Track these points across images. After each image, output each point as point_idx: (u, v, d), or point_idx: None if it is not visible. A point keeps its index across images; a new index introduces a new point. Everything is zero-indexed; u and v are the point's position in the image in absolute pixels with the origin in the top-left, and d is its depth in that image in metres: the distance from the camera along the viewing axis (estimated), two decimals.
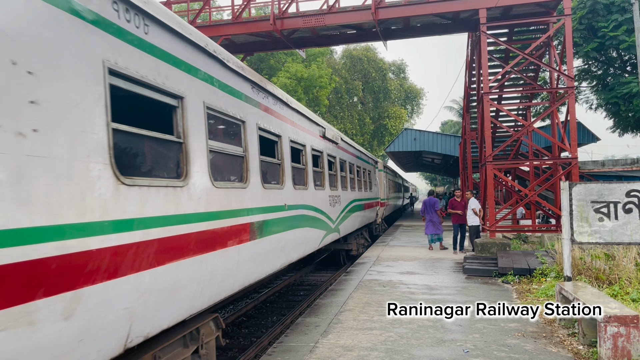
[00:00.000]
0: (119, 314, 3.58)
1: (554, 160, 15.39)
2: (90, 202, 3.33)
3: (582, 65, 24.67)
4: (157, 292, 4.05)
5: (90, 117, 3.42)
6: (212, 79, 5.47)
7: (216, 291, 5.27)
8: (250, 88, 6.74)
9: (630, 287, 7.89)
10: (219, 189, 5.34)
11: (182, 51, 4.82)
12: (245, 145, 6.34)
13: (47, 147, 3.00)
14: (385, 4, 14.81)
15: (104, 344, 3.46)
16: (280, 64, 38.35)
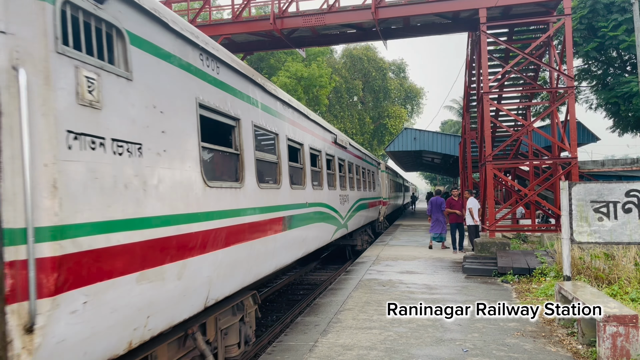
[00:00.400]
0: (204, 280, 4.82)
1: (554, 160, 15.39)
2: (191, 199, 4.60)
3: (582, 65, 24.66)
4: (225, 267, 5.33)
5: (190, 139, 4.71)
6: (257, 102, 6.75)
7: (259, 271, 6.54)
8: (281, 105, 7.93)
9: (630, 287, 7.90)
10: (262, 189, 6.61)
11: (238, 83, 6.09)
12: (278, 153, 7.56)
13: (170, 162, 4.30)
14: (385, 3, 14.81)
15: (195, 300, 4.72)
16: (280, 63, 38.35)
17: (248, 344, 6.45)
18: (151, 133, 4.03)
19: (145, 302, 3.85)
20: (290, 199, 7.92)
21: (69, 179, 3.07)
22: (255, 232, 6.23)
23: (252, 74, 6.53)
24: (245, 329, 6.33)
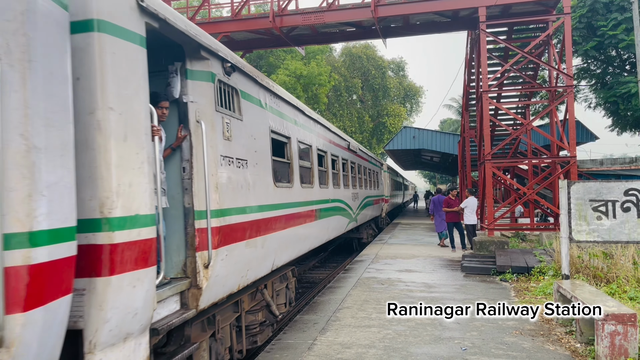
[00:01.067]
0: (272, 250, 6.78)
1: (553, 159, 15.40)
2: (268, 195, 6.63)
3: (581, 64, 24.65)
4: (283, 243, 7.31)
5: (267, 155, 6.68)
6: (299, 122, 8.80)
7: (300, 249, 8.55)
8: (313, 123, 9.96)
9: (628, 286, 7.91)
10: (303, 189, 8.61)
11: (289, 111, 8.18)
12: (311, 160, 9.55)
13: (259, 170, 6.28)
14: (385, 1, 14.80)
15: (268, 264, 6.64)
16: (279, 61, 38.30)
17: (291, 305, 8.38)
18: (251, 152, 6.05)
19: (247, 260, 5.80)
20: (319, 196, 9.96)
21: (221, 182, 5.11)
22: (298, 220, 8.24)
23: (296, 103, 8.67)
24: (289, 293, 8.23)
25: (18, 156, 2.65)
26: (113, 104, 3.51)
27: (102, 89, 3.44)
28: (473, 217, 14.34)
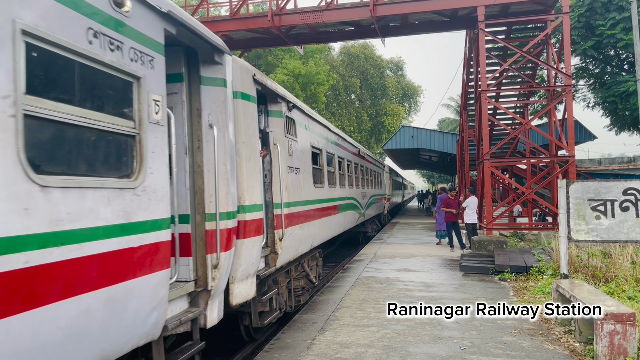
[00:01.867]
0: (312, 234, 9.05)
1: (551, 158, 15.42)
2: (311, 193, 9.03)
3: (580, 63, 24.68)
4: (317, 229, 9.58)
5: (309, 163, 9.12)
6: (327, 137, 11.54)
7: (326, 235, 10.95)
8: (335, 136, 12.71)
9: (627, 285, 7.92)
10: (329, 188, 11.20)
11: (321, 130, 10.87)
12: (334, 166, 12.21)
13: (305, 175, 8.67)
14: (384, 1, 14.80)
15: (308, 243, 8.89)
16: (278, 61, 38.27)
17: (319, 278, 10.60)
18: (301, 163, 8.49)
19: (299, 239, 8.16)
20: (339, 194, 12.57)
21: (288, 184, 7.47)
22: (327, 212, 10.72)
23: (325, 122, 11.43)
24: (318, 269, 10.41)
25: (223, 176, 5.08)
26: (245, 139, 5.89)
27: (239, 130, 5.76)
28: (473, 216, 14.34)
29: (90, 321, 3.04)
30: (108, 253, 3.22)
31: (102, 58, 3.24)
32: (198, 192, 4.97)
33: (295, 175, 8.02)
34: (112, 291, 3.24)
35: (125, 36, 3.53)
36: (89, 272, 3.02)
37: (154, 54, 3.90)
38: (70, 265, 2.87)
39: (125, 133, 3.52)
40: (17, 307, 2.51)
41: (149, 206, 3.74)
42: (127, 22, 3.56)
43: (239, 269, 5.57)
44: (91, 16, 3.17)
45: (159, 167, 3.91)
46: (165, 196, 3.99)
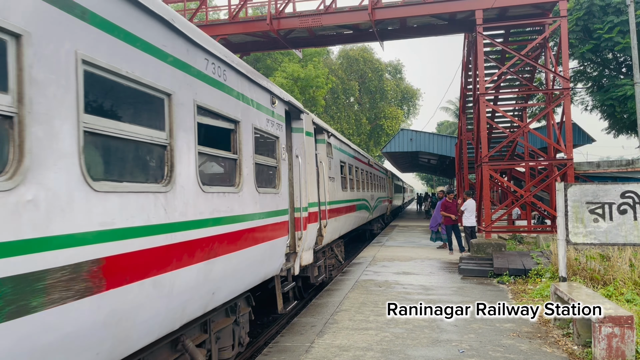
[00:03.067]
0: (341, 225, 12.79)
1: (550, 161, 15.44)
2: (339, 195, 12.69)
3: (578, 66, 24.72)
4: (344, 222, 13.35)
5: (339, 174, 12.93)
6: (350, 154, 14.95)
7: (347, 228, 14.27)
8: (354, 151, 16.09)
9: (625, 288, 7.93)
10: (351, 192, 14.61)
11: (345, 147, 14.25)
12: (353, 174, 15.46)
13: (336, 182, 12.33)
14: (382, 4, 14.83)
15: (338, 232, 12.59)
16: (277, 64, 38.29)
17: (343, 261, 13.90)
18: (335, 173, 11.84)
19: (333, 229, 11.37)
20: (356, 196, 15.93)
21: (329, 189, 10.69)
22: (348, 210, 14.08)
23: (347, 141, 14.83)
24: (341, 253, 13.63)
25: (303, 186, 8.27)
26: (308, 161, 8.69)
27: (303, 157, 8.38)
28: (472, 219, 14.35)
29: (266, 255, 6.40)
30: (270, 224, 6.54)
31: (269, 131, 6.70)
32: (290, 195, 8.05)
33: (332, 182, 11.59)
34: (271, 243, 6.55)
35: (274, 117, 7.02)
36: (264, 232, 6.27)
37: (282, 122, 7.44)
38: (257, 229, 6.02)
39: (274, 166, 6.95)
40: (239, 246, 5.45)
41: (282, 202, 7.17)
42: (274, 110, 7.06)
43: (306, 243, 8.62)
44: (267, 112, 6.68)
45: (285, 182, 7.40)
46: (287, 198, 7.51)
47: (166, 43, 4.17)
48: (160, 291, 3.88)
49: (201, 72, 4.74)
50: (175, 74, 4.26)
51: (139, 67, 3.75)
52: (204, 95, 4.75)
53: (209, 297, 4.85)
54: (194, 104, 4.54)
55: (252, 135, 5.91)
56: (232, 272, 5.35)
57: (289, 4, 15.76)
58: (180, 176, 4.25)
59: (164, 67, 4.09)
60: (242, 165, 5.64)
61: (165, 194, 4.00)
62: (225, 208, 5.13)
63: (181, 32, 4.38)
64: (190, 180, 4.42)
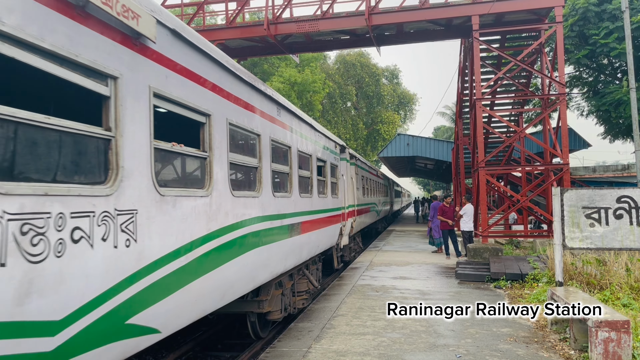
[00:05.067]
0: (362, 222, 18.07)
1: (546, 166, 15.50)
2: (361, 199, 17.94)
3: (574, 72, 24.85)
4: (363, 219, 18.43)
5: (362, 185, 18.65)
6: (366, 169, 20.79)
7: (365, 224, 19.57)
8: (368, 167, 22.03)
9: (621, 293, 7.95)
10: (366, 197, 19.78)
11: (364, 165, 20.22)
12: (368, 183, 20.95)
13: (360, 191, 18.01)
14: (379, 10, 14.89)
15: (360, 227, 17.66)
16: (274, 69, 38.38)
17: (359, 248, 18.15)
18: (359, 184, 17.36)
19: (358, 224, 16.55)
20: (370, 201, 20.81)
21: (357, 196, 16.57)
22: (366, 210, 19.25)
23: (364, 160, 20.75)
24: (360, 240, 18.46)
25: (344, 192, 13.85)
26: (346, 177, 14.15)
27: (346, 176, 14.25)
28: (470, 224, 14.37)
29: (326, 236, 10.83)
30: (334, 215, 11.84)
31: (334, 163, 12.31)
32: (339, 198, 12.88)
33: (358, 191, 16.97)
34: (331, 228, 11.30)
35: (336, 155, 12.71)
36: (332, 220, 11.55)
37: (338, 156, 12.96)
38: (331, 218, 11.37)
39: (335, 182, 12.19)
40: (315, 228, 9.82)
41: (339, 203, 12.64)
42: (337, 152, 12.88)
43: (346, 230, 13.63)
44: (333, 153, 12.29)
45: (340, 191, 12.91)
46: (342, 199, 13.09)
47: (314, 137, 10.26)
48: (310, 238, 9.26)
49: (320, 142, 10.78)
50: (317, 147, 10.39)
51: (306, 145, 9.41)
52: (319, 152, 10.59)
53: (316, 248, 10.12)
54: (315, 157, 10.15)
55: (329, 167, 11.55)
56: (322, 238, 10.52)
57: (286, 10, 15.81)
58: (315, 190, 9.85)
59: (311, 144, 9.88)
60: (328, 183, 11.26)
61: (311, 198, 9.48)
62: (323, 205, 10.62)
63: (324, 134, 11.21)
64: (315, 192, 9.87)
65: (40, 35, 2.94)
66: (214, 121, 5.17)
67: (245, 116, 6.21)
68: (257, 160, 6.64)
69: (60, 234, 3.03)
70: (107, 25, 3.56)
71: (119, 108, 3.64)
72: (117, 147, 3.60)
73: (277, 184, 7.51)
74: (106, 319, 3.45)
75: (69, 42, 3.18)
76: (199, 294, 4.83)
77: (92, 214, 3.30)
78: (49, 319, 2.97)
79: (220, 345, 8.28)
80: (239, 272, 5.83)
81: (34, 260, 2.83)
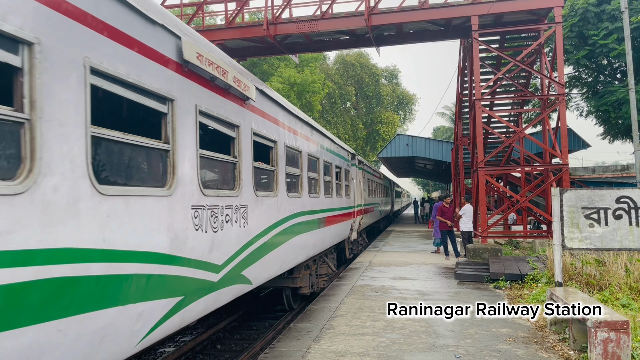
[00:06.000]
0: (368, 220, 20.81)
1: (545, 167, 15.50)
2: (367, 199, 20.25)
3: (573, 72, 24.85)
4: (369, 217, 21.13)
5: (367, 187, 20.64)
6: (372, 173, 23.63)
7: (370, 222, 22.01)
8: (373, 171, 24.51)
9: (620, 293, 7.95)
10: (371, 198, 22.16)
11: (369, 169, 22.56)
12: (373, 185, 23.43)
13: (367, 192, 20.37)
14: (378, 10, 14.89)
15: (365, 224, 19.87)
16: (273, 69, 38.38)
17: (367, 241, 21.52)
18: (365, 186, 19.76)
19: (364, 222, 18.94)
20: (374, 201, 23.29)
21: (364, 197, 18.95)
22: (371, 210, 21.52)
23: (370, 164, 23.97)
24: (365, 237, 20.80)
25: (354, 193, 16.16)
26: (355, 180, 16.54)
27: (356, 179, 16.82)
28: (469, 224, 14.36)
29: (341, 229, 13.29)
30: (346, 213, 14.08)
31: (348, 169, 15.03)
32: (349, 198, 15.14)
33: (365, 192, 19.26)
34: (339, 225, 13.01)
35: (349, 162, 15.35)
36: (345, 216, 14.01)
37: (349, 163, 15.45)
38: (344, 214, 13.90)
39: (347, 185, 14.83)
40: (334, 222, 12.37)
41: (350, 202, 15.04)
42: (349, 159, 15.47)
43: (355, 226, 15.68)
44: (347, 160, 15.00)
45: (352, 192, 15.43)
46: (353, 200, 15.53)
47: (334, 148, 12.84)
48: (330, 230, 11.62)
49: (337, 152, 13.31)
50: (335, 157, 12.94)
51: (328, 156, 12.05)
52: (337, 161, 13.13)
53: (334, 238, 12.36)
54: (334, 164, 12.61)
55: (344, 172, 14.10)
56: (339, 231, 12.96)
57: (286, 10, 15.81)
58: (334, 191, 12.32)
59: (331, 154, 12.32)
60: (343, 185, 13.68)
61: (332, 199, 11.83)
62: (340, 204, 12.92)
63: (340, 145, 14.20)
64: (334, 193, 12.20)
65: (217, 110, 5.60)
66: (278, 146, 7.82)
67: (293, 139, 8.83)
68: (299, 170, 9.18)
69: (222, 217, 5.58)
70: (236, 95, 6.17)
71: (241, 144, 6.27)
72: (240, 170, 6.23)
73: (310, 187, 9.98)
74: (235, 269, 5.97)
75: (223, 109, 5.78)
76: (270, 263, 7.28)
77: (232, 207, 5.89)
78: (217, 263, 5.46)
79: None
80: (289, 251, 8.30)
81: (214, 231, 5.36)
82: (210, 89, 5.48)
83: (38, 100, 3.08)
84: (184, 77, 4.86)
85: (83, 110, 3.46)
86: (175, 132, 4.60)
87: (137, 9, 4.09)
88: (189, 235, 4.77)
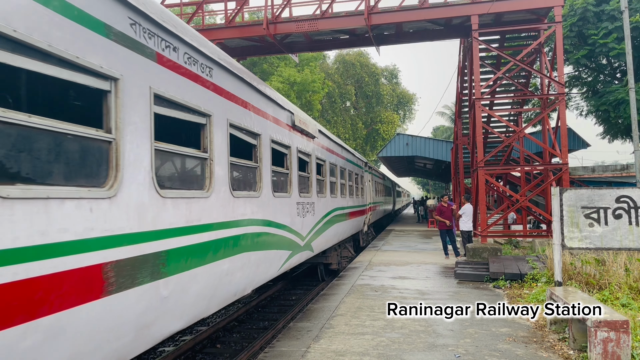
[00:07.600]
0: (376, 214, 25.03)
1: (545, 166, 15.50)
2: (375, 198, 24.14)
3: (573, 72, 24.86)
4: (377, 213, 25.09)
5: (374, 188, 24.18)
6: (378, 175, 27.61)
7: (377, 218, 25.97)
8: (380, 174, 29.44)
9: (620, 292, 7.95)
10: (377, 197, 25.82)
11: (375, 172, 26.31)
12: (377, 186, 25.99)
13: (374, 192, 24.48)
14: (378, 9, 14.88)
15: (374, 220, 24.46)
16: (273, 68, 38.38)
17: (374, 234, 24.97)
18: (372, 186, 22.95)
19: (373, 216, 22.88)
20: (379, 200, 26.70)
21: (373, 196, 22.95)
22: (377, 207, 25.21)
23: (375, 167, 29.56)
24: (372, 230, 24.19)
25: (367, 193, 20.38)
26: (367, 183, 20.65)
27: (368, 182, 21.20)
28: (469, 224, 14.35)
29: (358, 222, 17.11)
30: (361, 210, 17.95)
31: (361, 175, 18.85)
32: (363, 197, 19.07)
33: (373, 192, 22.49)
34: (356, 219, 16.53)
35: (362, 169, 19.31)
36: (360, 212, 17.53)
37: (362, 169, 19.30)
38: (360, 211, 17.48)
39: (362, 187, 19.26)
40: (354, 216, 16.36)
41: (364, 201, 19.10)
42: (363, 167, 19.44)
43: (367, 220, 19.68)
44: (361, 168, 18.94)
45: (366, 193, 19.81)
46: (366, 198, 19.54)
47: (353, 159, 16.73)
48: (349, 224, 14.99)
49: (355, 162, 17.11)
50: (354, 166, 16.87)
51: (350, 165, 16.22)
52: (356, 170, 17.21)
53: (353, 229, 15.94)
54: (354, 172, 16.70)
55: (360, 177, 17.83)
56: (356, 223, 16.39)
57: (286, 9, 15.80)
58: (354, 192, 16.46)
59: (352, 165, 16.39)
60: (359, 188, 17.35)
61: (353, 198, 16.08)
62: (356, 202, 16.56)
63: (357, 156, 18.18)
64: (354, 194, 16.32)
65: (304, 148, 9.70)
66: (326, 164, 11.64)
67: (334, 158, 12.94)
68: (336, 178, 13.01)
69: (305, 209, 9.56)
70: (309, 136, 10.03)
71: (312, 165, 10.20)
72: (311, 180, 10.17)
73: (342, 190, 14.04)
74: (309, 240, 9.70)
75: (305, 146, 9.65)
76: (322, 240, 10.97)
77: (308, 203, 9.80)
78: (303, 234, 9.32)
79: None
80: (330, 235, 12.02)
81: (303, 216, 9.39)
82: (302, 135, 9.55)
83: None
84: (292, 132, 8.87)
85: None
86: (291, 165, 8.69)
87: (281, 105, 8.28)
88: (295, 218, 8.71)
